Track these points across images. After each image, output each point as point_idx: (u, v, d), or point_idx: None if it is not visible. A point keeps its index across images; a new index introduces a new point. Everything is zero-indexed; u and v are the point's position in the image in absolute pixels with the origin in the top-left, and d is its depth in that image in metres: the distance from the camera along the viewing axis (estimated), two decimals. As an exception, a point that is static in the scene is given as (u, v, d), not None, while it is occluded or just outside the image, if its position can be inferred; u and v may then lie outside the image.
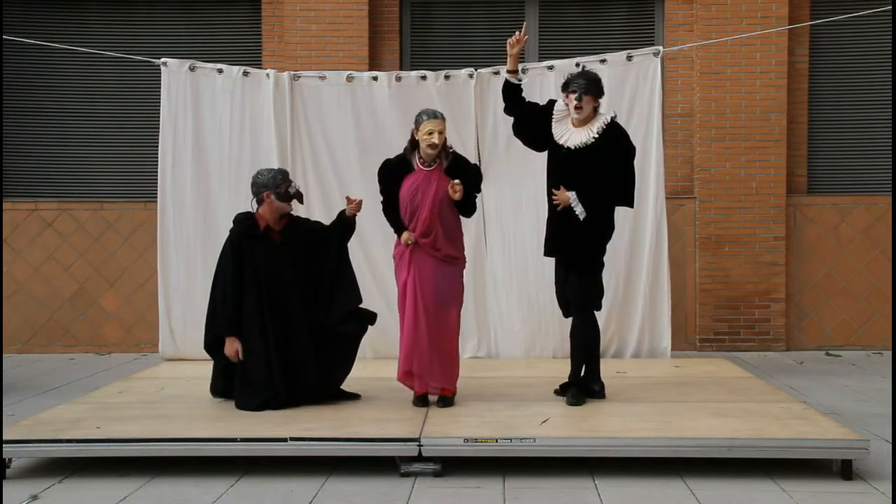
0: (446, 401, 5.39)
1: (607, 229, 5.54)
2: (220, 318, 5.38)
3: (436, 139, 5.28)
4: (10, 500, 4.28)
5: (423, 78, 7.57)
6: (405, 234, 5.36)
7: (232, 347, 5.37)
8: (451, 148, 5.50)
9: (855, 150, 8.75)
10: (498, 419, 5.00)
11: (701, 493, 4.31)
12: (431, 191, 5.34)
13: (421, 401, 5.39)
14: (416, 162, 5.40)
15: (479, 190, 5.58)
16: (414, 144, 5.42)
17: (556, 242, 5.54)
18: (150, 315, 8.37)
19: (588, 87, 5.36)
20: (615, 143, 5.40)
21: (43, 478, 4.62)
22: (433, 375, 5.39)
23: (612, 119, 5.45)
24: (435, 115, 5.35)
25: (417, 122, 5.37)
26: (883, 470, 4.60)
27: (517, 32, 5.47)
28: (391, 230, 5.58)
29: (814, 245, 8.58)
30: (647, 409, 5.29)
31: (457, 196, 5.28)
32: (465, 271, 5.61)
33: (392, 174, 5.46)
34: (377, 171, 5.56)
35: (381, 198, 5.54)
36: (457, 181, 5.28)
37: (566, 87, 5.42)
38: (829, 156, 8.77)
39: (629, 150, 5.51)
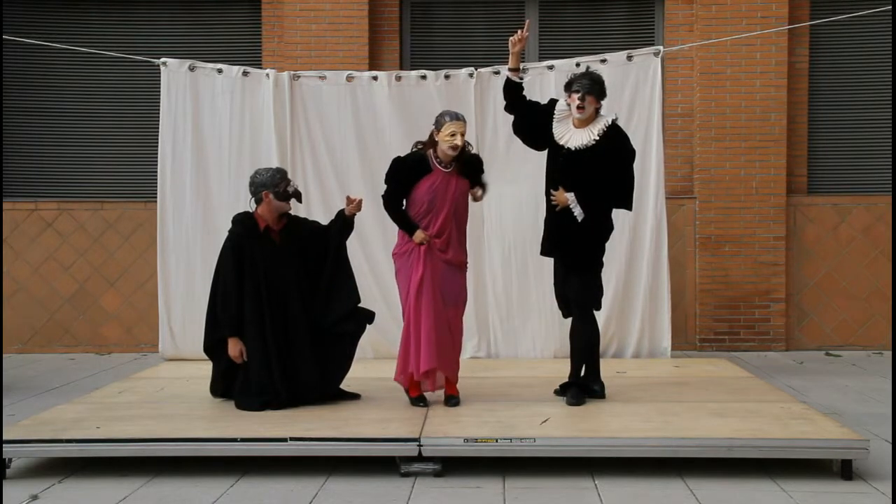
0: (454, 400, 5.39)
1: (606, 229, 5.53)
2: (222, 319, 5.38)
3: (458, 141, 5.27)
4: (10, 500, 4.28)
5: (423, 78, 7.57)
6: (420, 234, 5.33)
7: (236, 348, 5.37)
8: (470, 147, 5.50)
9: (855, 150, 8.75)
10: (498, 419, 5.00)
11: (701, 493, 4.31)
12: (450, 194, 5.35)
13: (419, 400, 5.40)
14: (434, 162, 5.38)
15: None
16: (432, 144, 5.39)
17: (553, 243, 5.54)
18: (150, 315, 8.37)
19: (591, 88, 5.36)
20: (616, 145, 5.40)
21: (43, 478, 4.62)
22: (444, 371, 5.41)
23: (614, 121, 5.44)
24: (457, 116, 5.33)
25: (439, 123, 5.33)
26: (883, 470, 4.60)
27: (520, 30, 5.46)
28: (392, 230, 5.58)
29: (814, 245, 8.58)
30: (647, 409, 5.29)
31: (480, 199, 5.65)
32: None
33: (409, 173, 5.39)
34: (389, 167, 5.48)
35: (381, 201, 5.51)
36: (478, 190, 5.56)
37: (569, 87, 5.40)
38: (829, 156, 8.77)
39: (629, 154, 5.50)
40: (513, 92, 5.56)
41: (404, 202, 5.43)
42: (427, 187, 5.35)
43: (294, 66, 8.22)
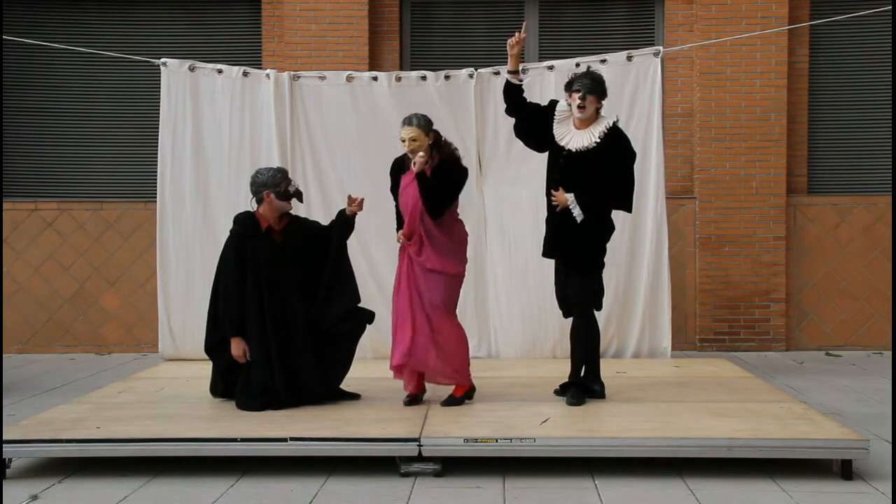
0: (452, 400, 5.39)
1: (607, 230, 5.53)
2: (224, 319, 5.37)
3: (408, 146, 5.27)
4: (10, 500, 4.27)
5: (423, 78, 7.56)
6: (397, 234, 5.43)
7: (239, 348, 5.36)
8: (454, 148, 5.43)
9: (855, 150, 8.75)
10: (498, 419, 5.00)
11: (701, 493, 4.31)
12: (413, 195, 5.29)
13: (411, 400, 5.40)
14: (411, 163, 5.39)
15: (450, 191, 5.31)
16: None
17: (554, 243, 5.53)
18: (150, 315, 8.37)
19: (592, 87, 5.35)
20: (616, 148, 5.39)
21: (43, 478, 4.61)
22: (436, 373, 5.38)
23: (614, 123, 5.44)
24: (409, 121, 5.28)
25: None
26: (883, 470, 4.60)
27: (517, 33, 5.46)
28: (392, 230, 5.61)
29: (814, 245, 8.58)
30: (647, 409, 5.29)
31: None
32: (465, 271, 5.57)
33: (394, 172, 5.51)
34: None
35: (381, 201, 5.56)
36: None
37: (570, 86, 5.40)
38: (829, 156, 8.77)
39: (630, 156, 5.49)
40: (513, 94, 5.54)
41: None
42: (401, 188, 5.41)
43: (294, 67, 8.22)
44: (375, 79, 7.60)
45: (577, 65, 7.15)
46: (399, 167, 5.50)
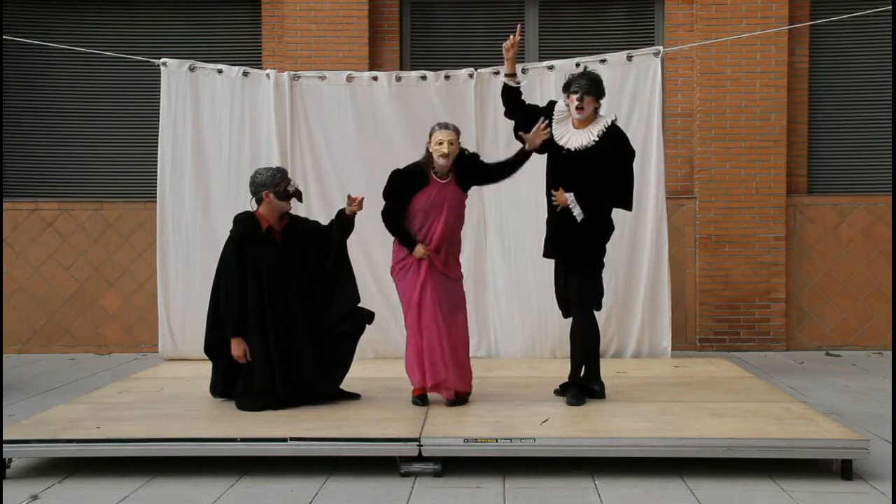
0: (459, 400, 5.39)
1: (607, 230, 5.54)
2: (226, 319, 5.36)
3: (445, 149, 5.28)
4: (10, 500, 4.28)
5: (423, 78, 7.56)
6: (420, 249, 5.31)
7: (239, 348, 5.36)
8: (466, 151, 5.50)
9: (855, 150, 8.75)
10: (498, 419, 5.00)
11: (701, 493, 4.31)
12: (445, 207, 5.32)
13: (421, 399, 5.40)
14: (431, 174, 5.38)
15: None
16: (429, 156, 5.39)
17: (555, 244, 5.54)
18: (150, 315, 8.37)
19: (590, 88, 5.36)
20: (615, 147, 5.40)
21: (43, 478, 4.62)
22: (453, 381, 5.38)
23: (613, 122, 5.45)
24: (446, 126, 5.38)
25: (430, 133, 5.39)
26: (883, 470, 4.60)
27: (511, 36, 5.46)
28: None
29: (814, 245, 8.59)
30: (647, 409, 5.29)
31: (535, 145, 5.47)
32: (465, 271, 5.65)
33: (405, 185, 5.40)
34: (387, 179, 5.46)
35: (381, 201, 5.49)
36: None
37: (567, 87, 5.41)
38: (829, 156, 8.77)
39: (629, 154, 5.50)
40: (511, 98, 5.55)
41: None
42: (423, 200, 5.35)
43: (294, 66, 8.22)
44: (375, 79, 7.60)
45: (578, 65, 7.15)
46: (412, 179, 5.39)
